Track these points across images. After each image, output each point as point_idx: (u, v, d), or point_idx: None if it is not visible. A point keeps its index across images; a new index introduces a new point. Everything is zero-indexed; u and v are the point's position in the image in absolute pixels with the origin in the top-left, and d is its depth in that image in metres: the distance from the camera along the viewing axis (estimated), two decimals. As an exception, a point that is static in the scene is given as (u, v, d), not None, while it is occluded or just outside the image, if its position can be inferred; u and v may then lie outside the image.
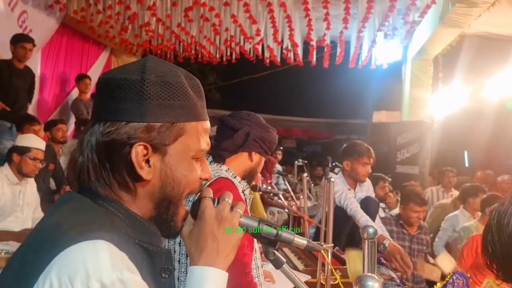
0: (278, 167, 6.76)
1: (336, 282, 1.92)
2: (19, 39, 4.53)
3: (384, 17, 5.59)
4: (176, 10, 5.93)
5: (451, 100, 6.94)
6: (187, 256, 1.49)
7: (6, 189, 3.14)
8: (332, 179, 2.07)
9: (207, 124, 0.85)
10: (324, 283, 2.02)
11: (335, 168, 3.35)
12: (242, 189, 1.68)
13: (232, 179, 1.62)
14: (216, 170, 1.61)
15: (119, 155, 0.77)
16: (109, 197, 0.79)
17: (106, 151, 0.77)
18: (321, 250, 0.92)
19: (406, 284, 2.91)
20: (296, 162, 5.76)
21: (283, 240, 0.89)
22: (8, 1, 5.03)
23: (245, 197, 1.68)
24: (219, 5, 5.56)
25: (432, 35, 5.88)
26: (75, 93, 6.34)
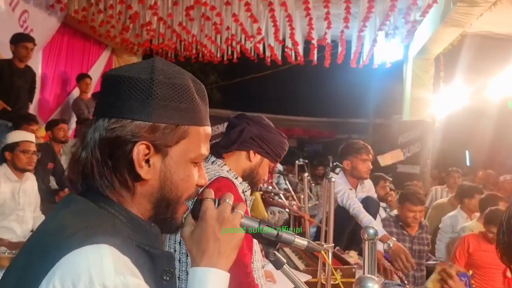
0: (279, 167, 6.76)
1: (337, 282, 1.92)
2: (20, 39, 4.52)
3: (385, 16, 5.58)
4: (177, 9, 5.93)
5: (453, 100, 6.92)
6: (187, 255, 1.49)
7: (5, 188, 3.15)
8: (333, 179, 2.07)
9: (209, 130, 0.86)
10: (325, 283, 2.02)
11: (336, 168, 3.35)
12: (243, 190, 1.67)
13: (233, 180, 1.61)
14: (217, 170, 1.60)
15: (122, 152, 0.77)
16: (111, 199, 0.79)
17: (109, 148, 0.77)
18: (321, 251, 0.91)
19: (407, 286, 2.90)
20: (297, 162, 5.75)
21: (284, 241, 0.90)
22: (9, 1, 5.02)
23: (245, 198, 1.67)
24: (220, 4, 5.56)
25: (434, 35, 5.87)
26: (76, 93, 6.34)
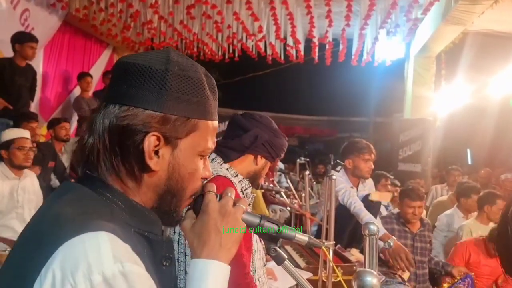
0: (280, 165, 6.75)
1: (338, 280, 1.93)
2: (27, 39, 4.48)
3: (387, 14, 5.57)
4: (178, 8, 5.93)
5: (454, 98, 6.91)
6: (186, 255, 1.49)
7: (3, 186, 3.16)
8: (334, 177, 2.07)
9: (217, 124, 0.87)
10: (326, 281, 2.03)
11: (337, 166, 3.35)
12: (242, 188, 1.66)
13: (232, 178, 1.61)
14: (216, 168, 1.59)
15: (132, 142, 0.76)
16: (110, 185, 0.79)
17: (119, 136, 0.76)
18: (322, 246, 0.91)
19: (409, 284, 2.90)
20: (298, 160, 5.74)
21: (285, 237, 0.89)
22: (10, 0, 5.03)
23: (245, 196, 1.67)
24: (221, 3, 5.56)
25: (435, 33, 5.86)
26: (77, 91, 6.34)
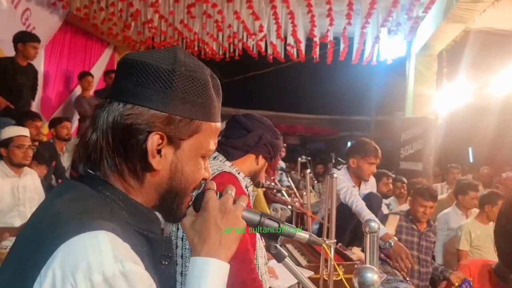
0: (282, 164, 6.75)
1: (339, 278, 1.92)
2: (29, 39, 4.47)
3: (388, 13, 5.56)
4: (179, 7, 5.93)
5: (456, 96, 6.90)
6: (191, 251, 1.49)
7: (4, 184, 3.18)
8: (335, 175, 2.07)
9: (220, 125, 0.87)
10: (327, 279, 2.02)
11: (338, 164, 3.34)
12: (246, 185, 1.68)
13: (236, 174, 1.62)
14: (219, 165, 1.61)
15: (135, 141, 0.77)
16: (110, 184, 0.78)
17: (123, 134, 0.76)
18: (323, 244, 0.91)
19: (412, 282, 2.90)
20: (299, 159, 5.73)
21: (285, 234, 0.89)
22: (11, -1, 5.04)
23: (248, 193, 1.68)
24: (222, 2, 5.56)
25: (436, 31, 5.84)
26: (78, 91, 6.35)
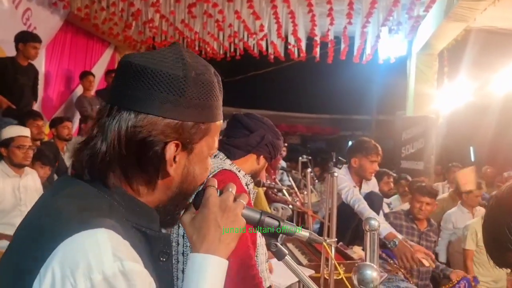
0: (283, 163, 6.75)
1: (340, 277, 1.92)
2: (30, 39, 4.47)
3: (388, 12, 5.55)
4: (180, 7, 5.93)
5: (457, 95, 6.89)
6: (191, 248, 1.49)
7: (5, 184, 3.17)
8: (336, 174, 2.07)
9: (222, 123, 0.87)
10: (328, 278, 2.02)
11: (339, 163, 3.34)
12: (246, 183, 1.68)
13: (236, 172, 1.62)
14: (220, 163, 1.62)
15: (153, 153, 0.75)
16: (110, 184, 0.77)
17: (138, 147, 0.75)
18: (323, 242, 0.91)
19: (411, 280, 2.90)
20: (300, 158, 5.73)
21: (285, 232, 0.89)
22: (12, -1, 5.05)
23: (249, 190, 1.68)
24: (223, 1, 5.56)
25: (437, 30, 5.84)
26: (80, 90, 6.35)
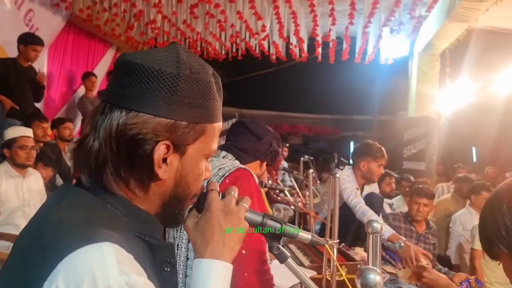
0: (284, 164, 6.75)
1: (342, 279, 1.92)
2: (31, 41, 4.48)
3: (390, 12, 5.55)
4: (182, 7, 5.93)
5: (459, 96, 6.87)
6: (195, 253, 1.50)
7: (8, 183, 3.17)
8: (338, 175, 2.07)
9: (221, 125, 0.85)
10: (330, 279, 2.02)
11: (342, 164, 3.34)
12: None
13: (251, 171, 1.66)
14: (232, 163, 1.65)
15: (142, 151, 0.73)
16: (113, 189, 0.76)
17: (128, 144, 0.73)
18: (326, 245, 0.91)
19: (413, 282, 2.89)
20: (302, 159, 5.73)
21: (288, 235, 0.89)
22: (15, 0, 5.06)
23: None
24: (224, 2, 5.56)
25: (439, 30, 5.83)
26: (82, 91, 6.37)
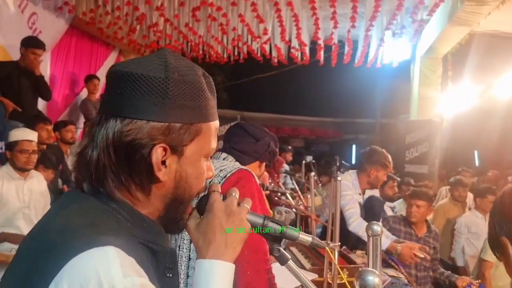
0: (286, 167, 6.75)
1: (343, 282, 1.92)
2: (30, 44, 4.50)
3: (392, 16, 5.56)
4: (184, 10, 5.95)
5: (461, 99, 6.87)
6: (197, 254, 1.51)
7: (9, 185, 3.17)
8: (339, 178, 2.07)
9: (218, 124, 0.85)
10: (331, 282, 2.02)
11: (344, 167, 3.34)
12: None
13: (252, 172, 1.67)
14: (233, 164, 1.67)
15: (140, 156, 0.75)
16: (116, 197, 0.77)
17: (126, 151, 0.75)
18: (326, 247, 0.92)
19: (415, 285, 2.89)
20: (304, 161, 5.73)
21: (288, 237, 0.90)
22: (19, 3, 5.09)
23: None
24: (227, 5, 5.57)
25: (441, 34, 5.84)
26: (84, 94, 6.39)
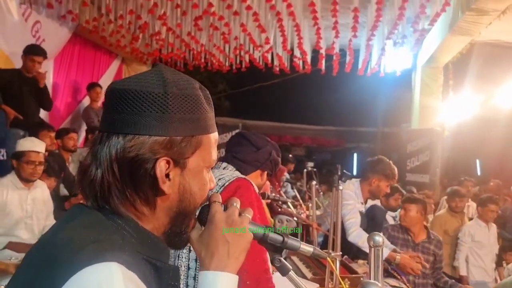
0: (287, 175, 6.74)
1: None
2: (30, 51, 4.55)
3: (393, 25, 5.58)
4: (186, 19, 6.00)
5: (462, 108, 6.88)
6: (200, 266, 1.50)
7: (12, 195, 3.16)
8: (341, 187, 2.07)
9: (217, 135, 0.87)
10: (333, 292, 2.01)
11: (346, 176, 3.33)
12: None
13: (251, 181, 1.66)
14: (232, 173, 1.66)
15: (144, 171, 0.76)
16: (121, 212, 0.78)
17: (129, 167, 0.76)
18: (327, 257, 0.91)
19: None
20: (305, 170, 5.72)
21: (290, 247, 0.89)
22: (22, 12, 5.14)
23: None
24: (229, 14, 5.61)
25: (442, 43, 5.86)
26: (87, 101, 6.42)
